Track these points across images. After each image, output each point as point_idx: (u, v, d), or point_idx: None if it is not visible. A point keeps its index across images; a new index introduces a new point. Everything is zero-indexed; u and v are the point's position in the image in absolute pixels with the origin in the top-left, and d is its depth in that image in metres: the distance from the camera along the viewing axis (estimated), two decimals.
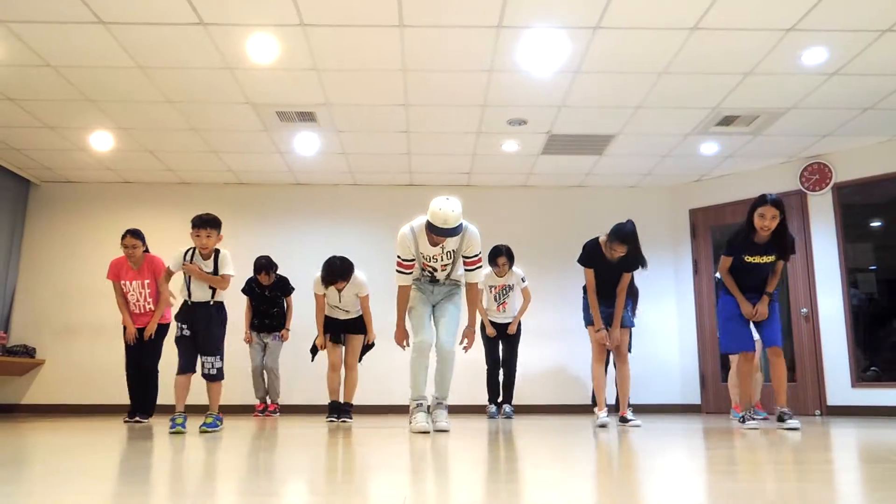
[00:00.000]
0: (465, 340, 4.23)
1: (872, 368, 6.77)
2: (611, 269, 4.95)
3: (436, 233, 3.83)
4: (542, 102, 5.82)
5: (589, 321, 5.03)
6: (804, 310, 7.01)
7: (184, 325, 4.39)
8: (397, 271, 4.11)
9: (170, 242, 6.07)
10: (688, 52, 4.92)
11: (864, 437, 3.68)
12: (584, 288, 5.04)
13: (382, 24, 4.58)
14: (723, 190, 7.75)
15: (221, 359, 4.43)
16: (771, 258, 4.61)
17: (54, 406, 7.40)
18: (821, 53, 4.93)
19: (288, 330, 6.68)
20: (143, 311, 5.48)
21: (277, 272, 6.64)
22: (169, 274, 4.71)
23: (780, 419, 4.56)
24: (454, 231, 3.82)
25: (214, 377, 4.39)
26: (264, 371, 6.55)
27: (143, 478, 1.98)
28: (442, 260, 4.06)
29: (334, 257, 5.38)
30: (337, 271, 5.29)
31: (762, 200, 4.47)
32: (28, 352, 7.36)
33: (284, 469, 2.22)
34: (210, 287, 4.42)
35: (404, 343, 4.22)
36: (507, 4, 4.35)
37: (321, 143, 6.76)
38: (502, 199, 8.05)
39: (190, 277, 4.41)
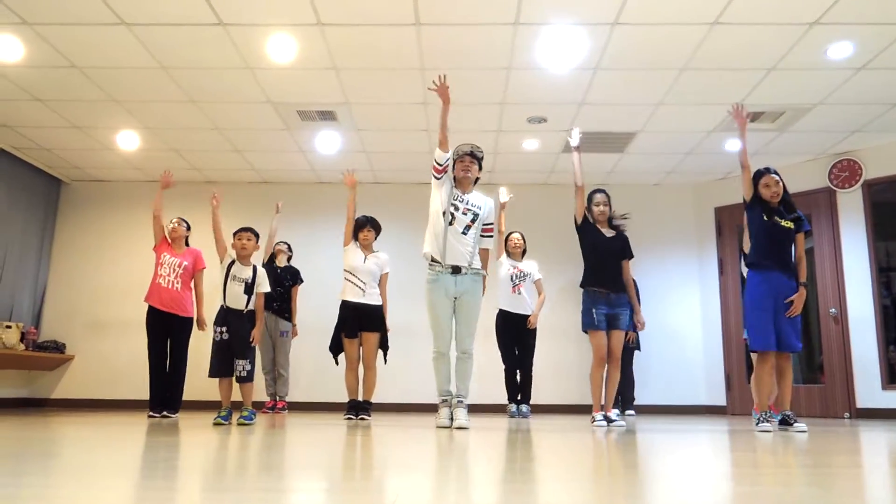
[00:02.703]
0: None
1: None
2: (607, 250, 5.03)
3: (461, 150, 4.45)
4: (561, 100, 5.78)
5: (586, 328, 5.01)
6: (833, 310, 6.86)
7: (222, 329, 4.72)
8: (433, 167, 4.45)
9: (195, 241, 6.16)
10: (708, 47, 4.85)
11: (894, 442, 3.58)
12: (583, 290, 5.09)
13: (399, 22, 4.58)
14: None
15: (252, 363, 4.78)
16: (790, 224, 4.61)
17: (83, 401, 7.56)
18: (846, 48, 4.82)
19: (295, 325, 6.73)
20: (170, 286, 5.62)
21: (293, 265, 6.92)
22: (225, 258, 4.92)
23: (787, 423, 4.51)
24: (477, 148, 4.48)
25: (245, 379, 4.75)
26: (274, 369, 6.62)
27: (168, 473, 2.01)
28: (465, 203, 4.38)
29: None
30: (368, 218, 5.68)
31: (762, 172, 4.64)
32: (58, 347, 7.53)
33: (299, 465, 2.24)
34: (245, 294, 4.77)
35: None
36: (524, 2, 4.32)
37: (342, 141, 6.80)
38: (524, 198, 7.99)
39: (227, 284, 4.76)
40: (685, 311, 7.83)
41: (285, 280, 6.74)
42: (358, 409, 5.47)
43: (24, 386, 7.54)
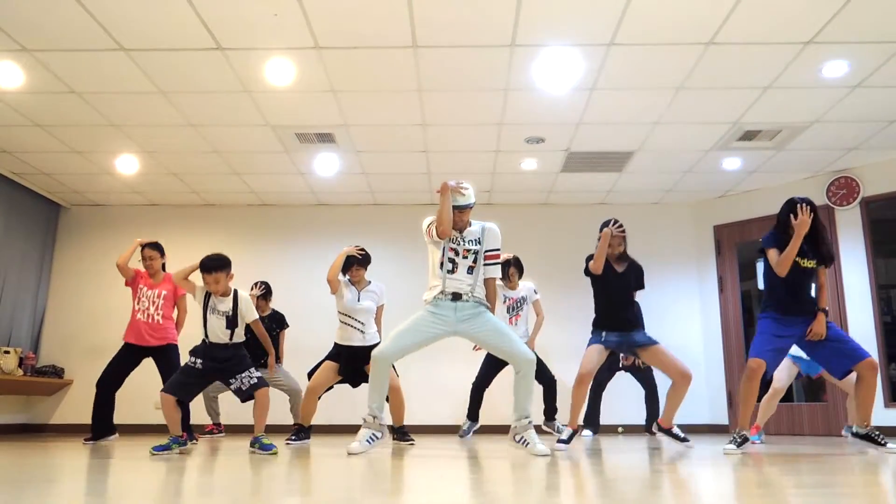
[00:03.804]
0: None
1: None
2: (618, 284, 4.78)
3: (455, 209, 4.02)
4: (559, 120, 5.81)
5: (592, 341, 4.77)
6: None
7: (197, 360, 4.24)
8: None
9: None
10: (704, 66, 4.88)
11: None
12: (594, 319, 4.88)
13: (396, 45, 4.62)
14: (748, 206, 7.64)
15: (256, 368, 4.31)
16: (812, 263, 4.26)
17: (82, 426, 7.49)
18: (841, 66, 4.85)
19: (280, 362, 6.57)
20: (150, 319, 5.28)
21: (274, 308, 6.60)
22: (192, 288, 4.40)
23: (876, 440, 4.17)
24: (467, 200, 4.06)
25: (257, 385, 4.21)
26: (289, 397, 6.49)
27: (167, 500, 1.99)
28: (464, 244, 4.04)
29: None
30: (355, 258, 5.08)
31: (794, 203, 4.19)
32: (56, 372, 7.50)
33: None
34: (228, 328, 4.25)
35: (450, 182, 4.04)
36: (519, 24, 4.36)
37: (341, 163, 6.82)
38: (524, 218, 8.02)
39: (206, 314, 4.26)
40: (686, 328, 7.81)
41: (272, 330, 6.44)
42: (400, 434, 5.26)
43: (23, 411, 7.50)
